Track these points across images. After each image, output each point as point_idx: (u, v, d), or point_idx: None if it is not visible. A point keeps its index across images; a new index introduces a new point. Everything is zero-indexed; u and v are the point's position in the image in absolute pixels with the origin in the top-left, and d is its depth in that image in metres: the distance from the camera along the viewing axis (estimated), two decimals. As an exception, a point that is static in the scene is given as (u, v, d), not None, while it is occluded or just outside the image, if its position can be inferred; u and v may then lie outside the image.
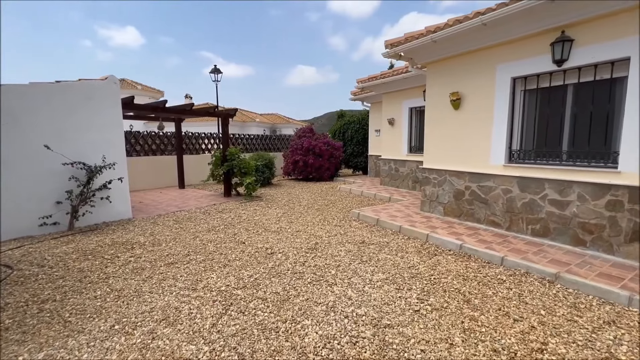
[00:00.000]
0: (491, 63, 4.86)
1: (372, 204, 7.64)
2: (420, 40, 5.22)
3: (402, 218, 5.74)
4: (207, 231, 5.45)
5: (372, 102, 11.77)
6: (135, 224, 5.92)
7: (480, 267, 3.83)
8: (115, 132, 6.12)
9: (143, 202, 8.16)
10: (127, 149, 9.92)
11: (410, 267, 3.83)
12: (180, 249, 4.55)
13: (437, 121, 5.79)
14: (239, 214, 6.74)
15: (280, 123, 29.04)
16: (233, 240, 4.95)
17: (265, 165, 10.66)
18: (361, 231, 5.36)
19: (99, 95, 5.86)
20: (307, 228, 5.57)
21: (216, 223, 5.97)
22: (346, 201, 8.01)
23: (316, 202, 7.96)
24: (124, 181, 6.22)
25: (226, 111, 8.52)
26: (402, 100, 8.79)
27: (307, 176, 11.84)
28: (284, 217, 6.36)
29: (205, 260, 4.13)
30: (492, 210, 4.95)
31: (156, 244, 4.79)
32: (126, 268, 3.87)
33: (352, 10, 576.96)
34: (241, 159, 8.57)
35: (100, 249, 4.57)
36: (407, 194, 8.21)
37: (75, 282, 3.48)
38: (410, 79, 7.99)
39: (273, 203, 7.87)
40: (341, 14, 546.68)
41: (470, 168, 5.24)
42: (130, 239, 5.02)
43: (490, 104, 4.89)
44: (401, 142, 8.92)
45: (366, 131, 12.71)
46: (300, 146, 11.64)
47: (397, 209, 6.54)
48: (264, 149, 14.23)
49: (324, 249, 4.48)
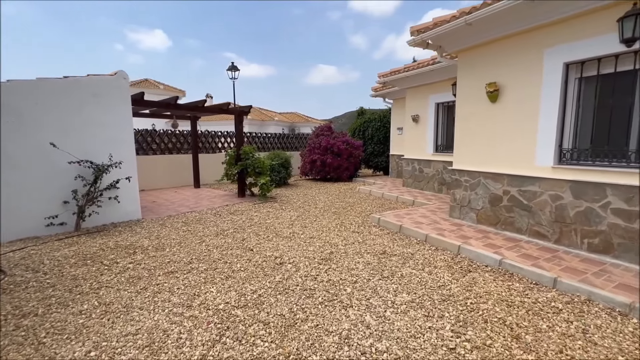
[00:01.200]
0: (538, 47, 4.15)
1: (394, 207, 7.04)
2: (451, 24, 4.58)
3: (429, 225, 5.12)
4: (214, 235, 5.09)
5: (395, 99, 11.10)
6: (143, 226, 5.67)
7: (526, 289, 3.19)
8: (125, 129, 5.90)
9: (156, 201, 7.98)
10: (144, 148, 9.87)
11: (440, 287, 3.25)
12: (183, 256, 4.19)
13: (469, 116, 5.12)
14: (251, 216, 6.36)
15: (299, 122, 28.72)
16: (241, 246, 4.54)
17: (281, 164, 10.28)
18: (382, 239, 4.80)
19: (107, 91, 5.65)
20: (322, 234, 5.08)
21: (226, 226, 5.61)
22: (365, 204, 7.45)
23: (333, 204, 7.46)
24: (133, 180, 5.99)
25: (240, 108, 8.19)
26: (428, 95, 8.10)
27: (325, 176, 11.36)
28: (298, 221, 5.90)
29: (208, 269, 3.74)
30: (537, 219, 4.24)
31: (159, 249, 4.47)
32: (122, 277, 3.54)
33: (374, 9, 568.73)
34: (255, 158, 8.21)
35: (101, 252, 4.31)
36: (432, 197, 7.53)
37: (64, 292, 3.18)
38: (437, 71, 7.30)
39: (288, 205, 7.45)
40: (362, 12, 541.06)
41: (509, 170, 4.55)
42: (135, 242, 4.74)
43: (536, 95, 4.19)
44: (426, 141, 8.23)
45: (387, 129, 12.05)
46: (318, 145, 11.17)
47: (422, 214, 5.90)
48: (281, 147, 13.89)
49: (340, 260, 3.97)
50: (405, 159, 8.94)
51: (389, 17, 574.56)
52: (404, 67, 8.38)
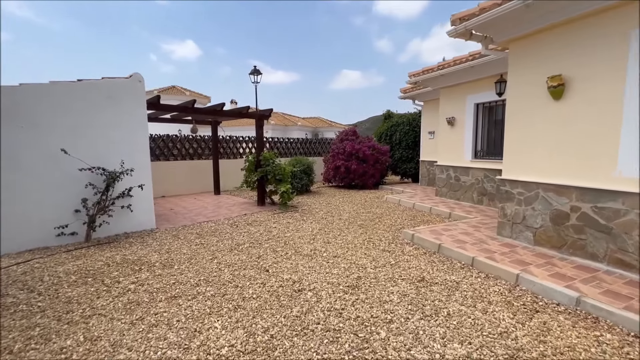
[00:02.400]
0: (620, 29, 3.33)
1: (428, 220, 6.26)
2: (504, 7, 3.84)
3: (474, 245, 4.35)
4: (229, 250, 4.61)
5: (425, 100, 10.30)
6: (156, 237, 5.31)
7: (624, 343, 2.38)
8: (139, 133, 5.61)
9: (174, 209, 7.71)
10: (165, 153, 9.73)
11: (502, 334, 2.52)
12: (191, 275, 3.72)
13: (524, 116, 4.32)
14: (269, 227, 5.85)
15: (322, 126, 28.32)
16: (255, 265, 4.01)
17: (303, 171, 9.77)
18: (418, 261, 4.10)
19: (122, 94, 5.40)
20: (347, 252, 4.45)
21: (241, 239, 5.13)
22: (395, 215, 6.73)
23: (359, 215, 6.80)
24: (147, 188, 5.68)
25: (260, 112, 7.78)
26: (466, 95, 7.28)
27: (349, 183, 10.72)
28: (320, 235, 5.31)
29: (215, 295, 3.23)
30: (621, 243, 3.37)
31: (167, 266, 4.04)
32: (119, 301, 3.11)
33: (399, 12, 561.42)
34: (276, 164, 7.75)
35: (105, 269, 3.94)
36: (471, 210, 6.67)
37: (52, 320, 2.77)
38: (477, 68, 6.49)
39: (309, 215, 6.88)
40: (387, 15, 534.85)
41: (579, 181, 3.71)
42: (143, 257, 4.36)
43: (618, 88, 3.35)
44: (463, 146, 7.39)
45: (417, 133, 11.23)
46: (342, 150, 10.57)
47: (463, 230, 5.11)
48: (303, 153, 13.42)
49: (369, 289, 3.33)
50: (438, 166, 8.11)
51: (414, 20, 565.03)
52: (438, 65, 7.62)
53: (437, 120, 9.59)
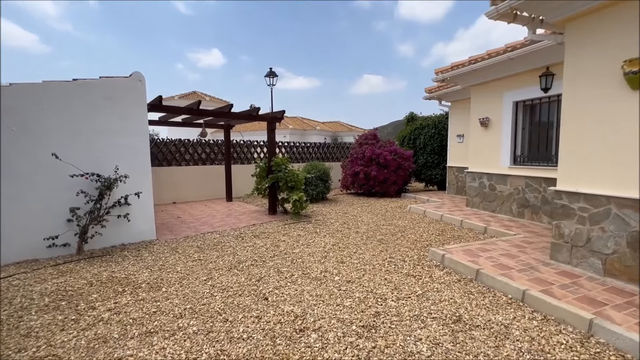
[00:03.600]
0: None
1: (459, 236, 5.41)
2: (564, -24, 3.05)
3: (522, 272, 3.50)
4: (227, 269, 4.03)
5: (453, 101, 9.40)
6: (153, 250, 4.84)
7: None
8: (139, 137, 5.21)
9: (182, 217, 7.30)
10: (177, 158, 9.43)
11: None
12: (177, 302, 3.16)
13: (586, 112, 3.46)
14: (277, 241, 5.24)
15: (342, 131, 27.66)
16: (254, 291, 3.40)
17: (319, 177, 9.14)
18: (451, 291, 3.32)
19: (121, 95, 5.02)
20: (363, 276, 3.74)
21: (244, 255, 4.55)
22: (420, 229, 5.92)
23: (379, 228, 6.05)
24: (147, 196, 5.25)
25: (272, 114, 7.25)
26: (502, 92, 6.38)
27: (368, 190, 9.97)
28: (333, 252, 4.63)
29: (198, 332, 2.62)
30: None
31: (154, 287, 3.50)
32: (84, 336, 2.58)
33: (422, 15, 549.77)
34: (288, 170, 7.16)
35: (86, 289, 3.47)
36: (511, 224, 5.74)
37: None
38: (518, 59, 5.61)
39: (323, 227, 6.22)
40: (410, 19, 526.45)
41: (672, 196, 2.81)
42: (131, 275, 3.86)
43: None
44: (499, 150, 6.47)
45: (443, 137, 10.31)
46: (362, 155, 9.86)
47: (504, 250, 4.26)
48: (320, 158, 12.81)
49: (390, 331, 2.60)
50: (469, 173, 7.21)
51: (437, 23, 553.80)
52: (469, 60, 6.78)
53: (467, 122, 8.68)
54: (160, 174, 9.04)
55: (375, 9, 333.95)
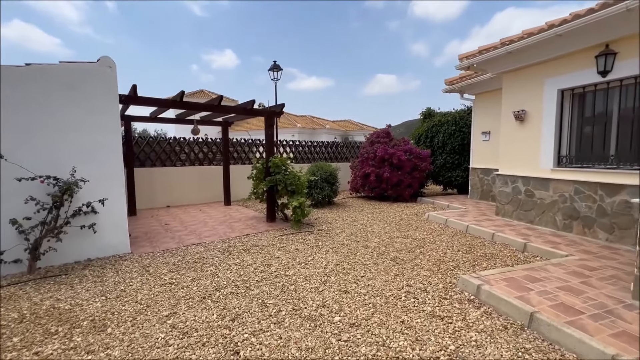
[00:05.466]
0: None
1: (492, 255, 4.39)
2: None
3: (599, 321, 2.49)
4: (200, 299, 3.18)
5: (478, 93, 8.32)
6: (120, 268, 4.05)
7: None
8: (109, 134, 4.43)
9: (170, 224, 6.54)
10: (171, 158, 8.70)
11: None
12: (117, 355, 2.32)
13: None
14: (270, 258, 4.36)
15: (353, 130, 26.65)
16: (224, 339, 2.52)
17: (325, 179, 8.23)
18: (496, 347, 2.35)
19: (86, 84, 4.25)
20: (372, 316, 2.81)
21: (225, 279, 3.69)
22: (442, 243, 4.93)
23: (392, 241, 5.10)
24: (118, 203, 4.47)
25: (270, 108, 6.38)
26: (544, 78, 5.30)
27: (380, 194, 9.00)
28: (336, 276, 3.71)
29: (123, 419, 1.76)
30: None
31: (97, 328, 2.68)
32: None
33: (436, 14, 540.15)
34: (289, 172, 6.29)
35: (12, 328, 2.68)
36: (556, 239, 4.68)
37: None
38: (569, 35, 4.54)
39: (327, 238, 5.31)
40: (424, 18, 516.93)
41: None
42: (78, 306, 3.06)
43: None
44: (539, 149, 5.40)
45: (465, 134, 9.22)
46: (373, 155, 8.89)
47: (561, 280, 3.23)
48: (328, 158, 11.89)
49: None
50: (500, 176, 6.15)
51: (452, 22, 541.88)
52: (501, 42, 5.73)
53: (493, 117, 7.61)
54: (154, 175, 8.34)
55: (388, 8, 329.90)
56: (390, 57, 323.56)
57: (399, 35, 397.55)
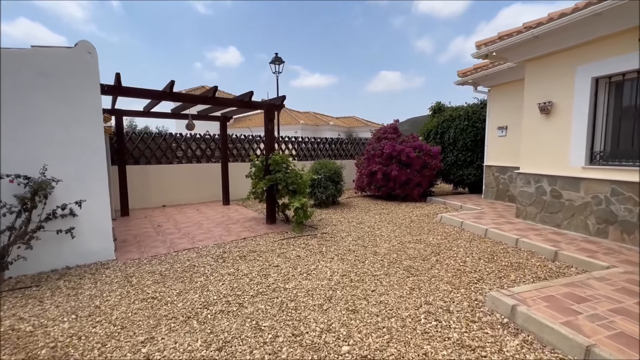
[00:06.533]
0: None
1: (519, 264, 3.88)
2: None
3: (673, 358, 1.98)
4: (184, 320, 2.72)
5: (493, 85, 7.75)
6: (100, 278, 3.60)
7: None
8: (89, 127, 3.97)
9: (163, 225, 6.10)
10: (167, 155, 8.26)
11: None
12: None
13: None
14: (268, 267, 3.89)
15: (357, 126, 26.07)
16: (205, 375, 2.05)
17: (329, 178, 7.73)
18: (548, 392, 1.85)
19: (62, 71, 3.79)
20: (388, 345, 2.32)
21: (216, 292, 3.22)
22: (460, 249, 4.43)
23: (404, 246, 4.60)
24: (101, 205, 4.03)
25: (270, 101, 5.89)
26: (575, 66, 4.74)
27: (388, 193, 8.49)
28: (343, 290, 3.22)
29: None
30: None
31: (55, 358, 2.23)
32: None
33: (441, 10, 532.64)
34: (290, 170, 5.81)
35: (-46, 358, 2.23)
36: (591, 246, 4.15)
37: None
38: (608, 14, 3.97)
39: (332, 243, 4.83)
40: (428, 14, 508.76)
41: None
42: (40, 327, 2.62)
43: None
44: (568, 144, 4.85)
45: (479, 130, 8.65)
46: (380, 152, 8.37)
47: (611, 300, 2.72)
48: (332, 155, 11.39)
49: None
50: (522, 175, 5.61)
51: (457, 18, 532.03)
52: (524, 26, 5.17)
53: (510, 111, 7.07)
54: (149, 173, 7.91)
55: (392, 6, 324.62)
56: (395, 53, 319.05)
57: (403, 32, 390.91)
